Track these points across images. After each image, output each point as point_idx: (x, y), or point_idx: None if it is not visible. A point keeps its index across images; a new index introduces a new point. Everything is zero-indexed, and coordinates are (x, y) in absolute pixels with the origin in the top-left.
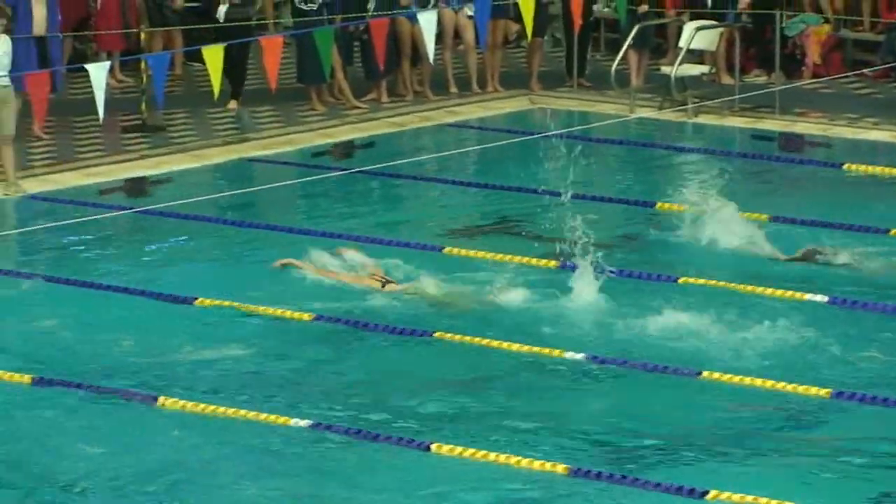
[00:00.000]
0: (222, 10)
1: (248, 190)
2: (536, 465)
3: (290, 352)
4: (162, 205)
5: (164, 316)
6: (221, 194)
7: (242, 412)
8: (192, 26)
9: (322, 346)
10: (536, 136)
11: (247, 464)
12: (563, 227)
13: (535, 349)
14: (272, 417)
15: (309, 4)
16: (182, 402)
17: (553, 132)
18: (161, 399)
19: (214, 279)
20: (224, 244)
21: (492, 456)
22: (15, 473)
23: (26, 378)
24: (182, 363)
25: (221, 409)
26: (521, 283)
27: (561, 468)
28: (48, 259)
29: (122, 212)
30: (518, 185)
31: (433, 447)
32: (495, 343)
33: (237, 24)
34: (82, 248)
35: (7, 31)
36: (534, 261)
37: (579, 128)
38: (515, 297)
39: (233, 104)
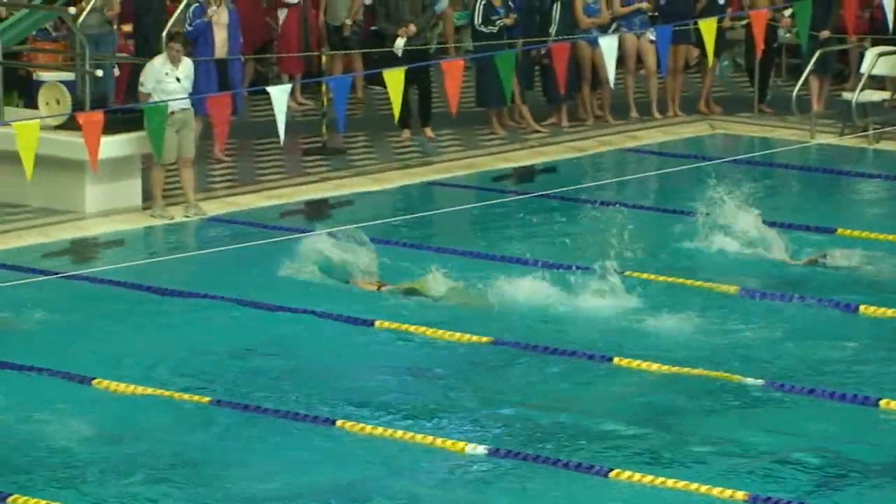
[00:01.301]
0: (400, 43)
1: (427, 213)
2: (715, 491)
3: (466, 375)
4: (342, 227)
5: (343, 337)
6: (401, 217)
7: (419, 436)
8: (373, 50)
9: (498, 369)
10: (716, 161)
11: (423, 488)
12: (740, 253)
13: (714, 374)
14: (448, 443)
15: (489, 28)
16: (360, 426)
17: (733, 157)
18: (339, 422)
19: (395, 302)
20: (404, 267)
21: (669, 482)
22: (194, 490)
23: (205, 399)
24: (360, 386)
25: (399, 432)
26: (695, 308)
27: (741, 495)
28: (226, 280)
29: (302, 235)
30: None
31: (612, 473)
32: (675, 369)
33: (418, 49)
34: (260, 269)
35: (187, 55)
36: (711, 285)
37: (759, 153)
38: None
39: (429, 132)
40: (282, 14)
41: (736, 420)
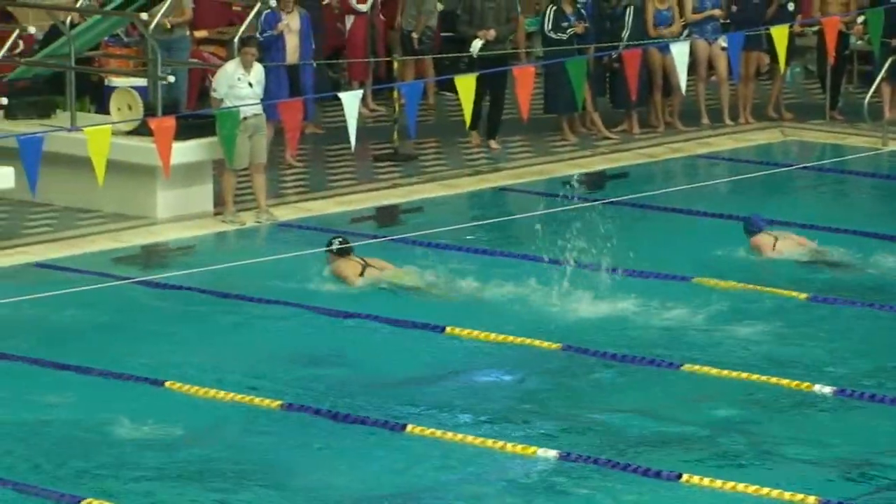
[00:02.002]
0: (477, 44)
1: (499, 219)
2: (786, 495)
3: (535, 381)
4: (413, 233)
5: (414, 342)
6: (472, 223)
7: (490, 441)
8: (445, 55)
9: (567, 375)
10: (788, 168)
11: (493, 492)
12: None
13: (783, 380)
14: (519, 447)
15: (559, 35)
16: (430, 430)
17: (804, 164)
18: (410, 426)
19: (465, 308)
20: (475, 273)
21: (740, 486)
22: (264, 493)
23: (275, 403)
24: (430, 391)
25: (469, 437)
26: (765, 315)
27: (812, 500)
28: (297, 286)
29: (374, 240)
30: (768, 218)
31: (684, 478)
32: (745, 375)
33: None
34: (331, 275)
35: (258, 60)
36: (781, 291)
37: (831, 160)
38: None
39: (494, 144)
40: (349, 21)
41: (806, 426)
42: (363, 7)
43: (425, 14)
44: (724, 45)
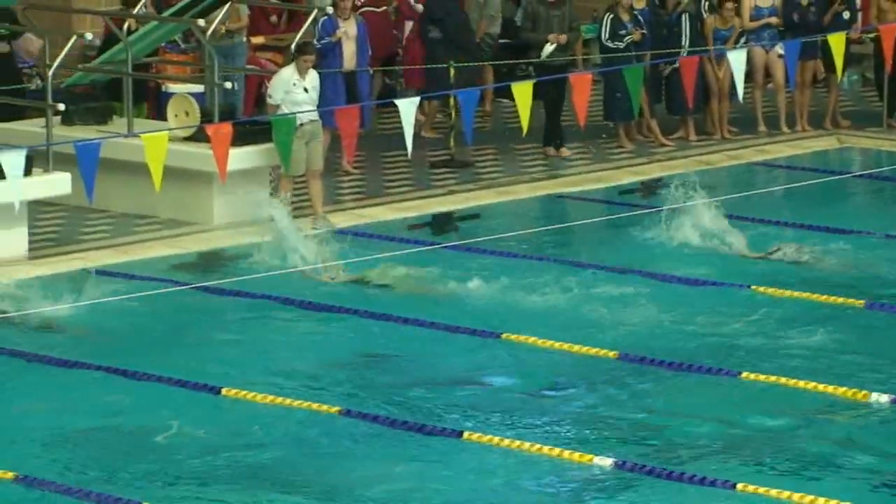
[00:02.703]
0: (549, 49)
1: (556, 226)
2: None
3: (591, 388)
4: (469, 240)
5: (470, 349)
6: (528, 231)
7: (546, 448)
8: (502, 62)
9: (623, 383)
10: (844, 175)
11: (550, 500)
12: (870, 267)
13: (840, 389)
14: (576, 455)
15: (616, 43)
16: (487, 437)
17: (861, 172)
18: (466, 433)
19: (520, 314)
20: (530, 280)
21: (796, 496)
22: (321, 500)
23: (333, 409)
24: (486, 398)
25: (526, 444)
26: (820, 322)
27: None
28: (354, 292)
29: (431, 247)
30: (825, 225)
31: (739, 486)
32: (801, 384)
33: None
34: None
35: (314, 66)
36: (838, 299)
37: (888, 168)
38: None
39: (565, 151)
40: (407, 27)
41: (862, 436)
42: (420, 7)
43: (486, 19)
44: (781, 52)
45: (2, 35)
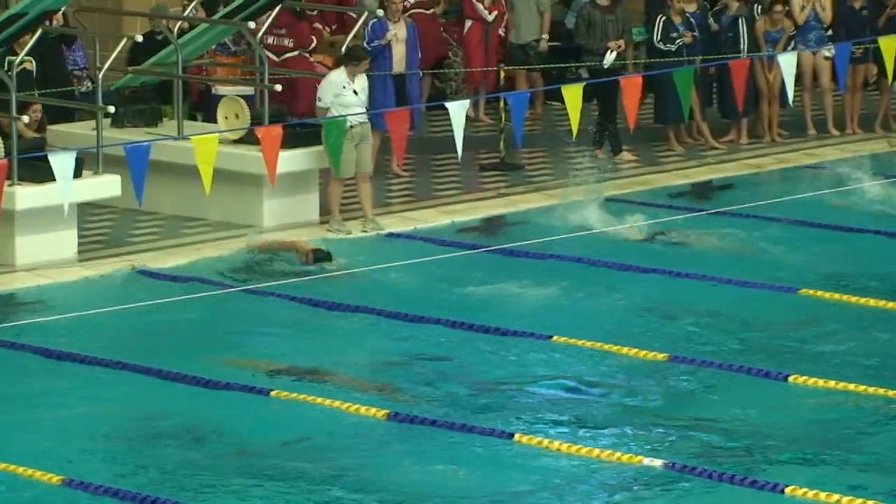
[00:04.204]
0: (610, 57)
1: (601, 230)
2: None
3: (641, 390)
4: (518, 243)
5: (521, 352)
6: (576, 234)
7: (596, 450)
8: (553, 65)
9: (673, 385)
10: (893, 179)
11: (599, 501)
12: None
13: (890, 393)
14: (625, 457)
15: (668, 46)
16: (537, 439)
17: None
18: (517, 435)
19: (572, 317)
20: (579, 283)
21: (845, 500)
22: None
23: (381, 412)
24: (536, 400)
25: (576, 446)
26: (876, 327)
27: None
28: (402, 295)
29: (478, 250)
30: (874, 229)
31: (788, 490)
32: (850, 386)
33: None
34: (437, 285)
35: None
36: (886, 304)
37: None
38: None
39: (628, 156)
40: (467, 25)
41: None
42: (491, 16)
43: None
44: (828, 54)
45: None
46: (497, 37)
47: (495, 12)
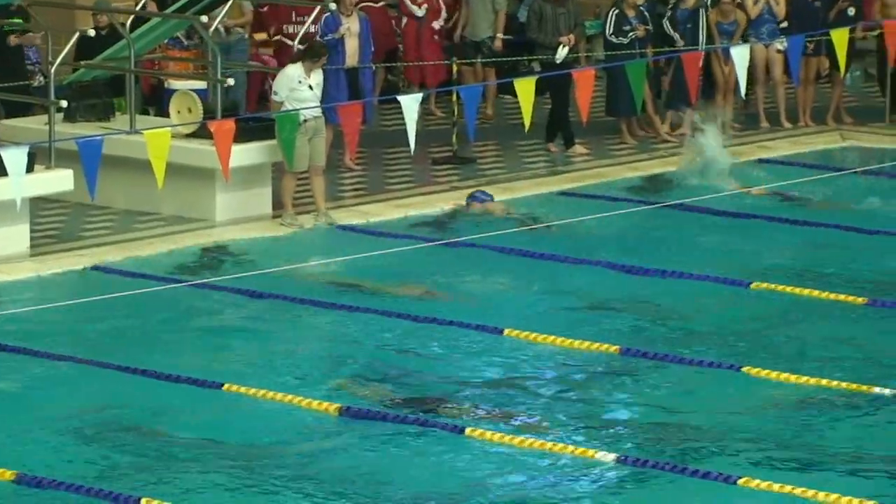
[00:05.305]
0: (563, 52)
1: (556, 222)
2: (844, 500)
3: (593, 384)
4: (464, 237)
5: (475, 345)
6: (529, 227)
7: (549, 444)
8: (504, 59)
9: (625, 378)
10: (846, 172)
11: (551, 495)
12: (869, 265)
13: (843, 383)
14: (578, 450)
15: (620, 39)
16: (489, 433)
17: (863, 168)
18: (469, 429)
19: (523, 311)
20: (530, 277)
21: (798, 490)
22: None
23: (332, 406)
24: (489, 394)
25: (528, 440)
26: (828, 318)
27: None
28: (355, 290)
29: (430, 243)
30: (825, 222)
31: (741, 481)
32: (804, 379)
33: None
34: (388, 278)
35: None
36: (838, 296)
37: (890, 164)
38: None
39: (580, 149)
40: (403, 22)
41: (866, 429)
42: (420, 11)
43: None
44: (780, 48)
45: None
46: (430, 30)
47: (425, 6)
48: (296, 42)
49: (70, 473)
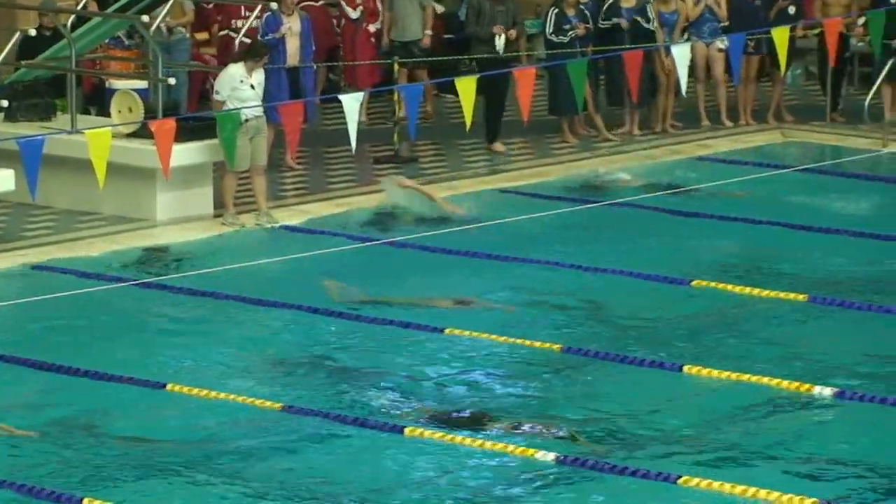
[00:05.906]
0: (500, 42)
1: (496, 221)
2: (785, 498)
3: (535, 382)
4: (406, 237)
5: (415, 344)
6: (472, 226)
7: (489, 443)
8: (445, 58)
9: (566, 377)
10: (787, 170)
11: (491, 494)
12: (810, 263)
13: (783, 382)
14: (518, 449)
15: (560, 38)
16: (428, 432)
17: (803, 166)
18: (408, 429)
19: (467, 311)
20: (470, 274)
21: (738, 489)
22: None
23: (276, 405)
24: (430, 392)
25: (467, 439)
26: (769, 316)
27: (810, 502)
28: (297, 288)
29: (372, 243)
30: (766, 219)
31: (682, 479)
32: (745, 377)
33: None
34: (330, 277)
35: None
36: (780, 294)
37: (830, 162)
38: None
39: (499, 146)
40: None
41: (806, 429)
42: (355, 13)
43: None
44: (721, 46)
45: None
46: (366, 32)
47: (360, 8)
48: (240, 35)
49: (13, 474)
